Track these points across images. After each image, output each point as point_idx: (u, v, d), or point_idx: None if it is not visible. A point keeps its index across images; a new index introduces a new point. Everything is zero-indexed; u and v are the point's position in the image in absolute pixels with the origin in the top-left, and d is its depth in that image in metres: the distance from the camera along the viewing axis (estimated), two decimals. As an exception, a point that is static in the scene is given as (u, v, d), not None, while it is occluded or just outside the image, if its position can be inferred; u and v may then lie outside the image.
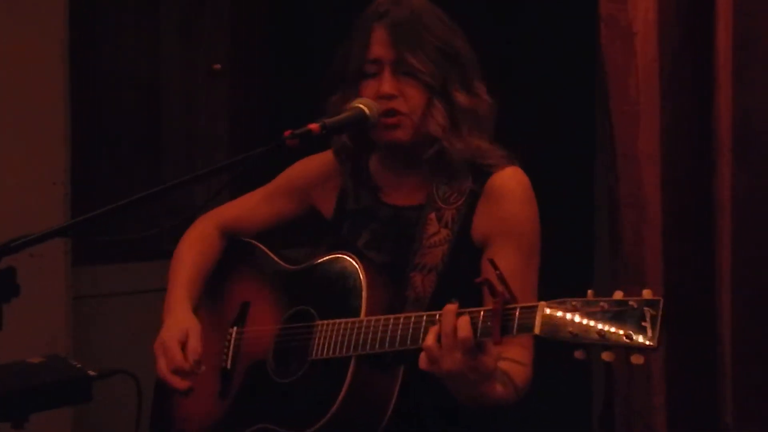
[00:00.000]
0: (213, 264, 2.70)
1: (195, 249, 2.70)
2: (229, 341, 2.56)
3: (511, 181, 2.42)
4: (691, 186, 3.01)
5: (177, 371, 2.45)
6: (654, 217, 2.99)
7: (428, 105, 2.39)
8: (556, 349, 1.96)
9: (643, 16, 2.95)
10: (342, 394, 2.26)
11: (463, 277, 2.35)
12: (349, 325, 2.30)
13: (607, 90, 3.00)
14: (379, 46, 2.41)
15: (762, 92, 2.92)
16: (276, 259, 2.64)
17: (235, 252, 2.71)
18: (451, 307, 2.10)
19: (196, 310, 2.65)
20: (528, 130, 3.83)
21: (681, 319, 2.99)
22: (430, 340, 2.10)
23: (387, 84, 2.38)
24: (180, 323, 2.52)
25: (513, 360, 2.30)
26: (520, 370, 2.31)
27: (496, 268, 2.06)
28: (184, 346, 2.47)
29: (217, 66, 4.17)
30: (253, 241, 2.69)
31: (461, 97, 2.41)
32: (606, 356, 1.90)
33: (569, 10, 4.07)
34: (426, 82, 2.38)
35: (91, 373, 2.27)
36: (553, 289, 2.09)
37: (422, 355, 2.12)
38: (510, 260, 2.35)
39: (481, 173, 2.43)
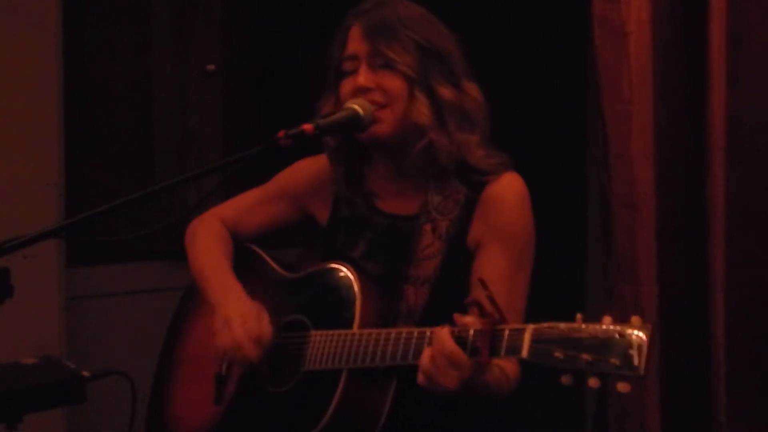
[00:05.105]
0: (233, 259, 2.67)
1: (216, 243, 2.66)
2: None
3: (507, 190, 2.41)
4: (685, 185, 3.01)
5: (257, 340, 2.40)
6: (647, 217, 2.99)
7: (410, 96, 2.37)
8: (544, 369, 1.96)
9: (636, 15, 2.95)
10: (333, 406, 2.26)
11: (455, 289, 2.35)
12: (342, 337, 2.29)
13: (601, 90, 3.00)
14: (355, 42, 2.40)
15: (755, 92, 2.92)
16: (274, 265, 2.63)
17: (235, 257, 2.69)
18: (445, 333, 2.08)
19: (193, 313, 2.65)
20: (520, 129, 3.85)
21: (674, 318, 2.99)
22: (425, 360, 2.09)
23: (362, 76, 2.37)
24: (249, 301, 2.48)
25: None
26: (512, 363, 2.30)
27: (485, 287, 2.04)
28: (259, 316, 2.43)
29: (211, 67, 4.17)
30: (253, 247, 2.69)
31: (445, 91, 2.38)
32: (592, 383, 1.90)
33: (562, 10, 4.08)
34: (404, 72, 2.36)
35: (85, 374, 2.27)
36: (545, 290, 2.09)
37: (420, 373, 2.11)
38: (498, 264, 2.35)
39: (478, 182, 2.42)
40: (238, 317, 2.42)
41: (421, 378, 2.11)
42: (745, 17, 2.91)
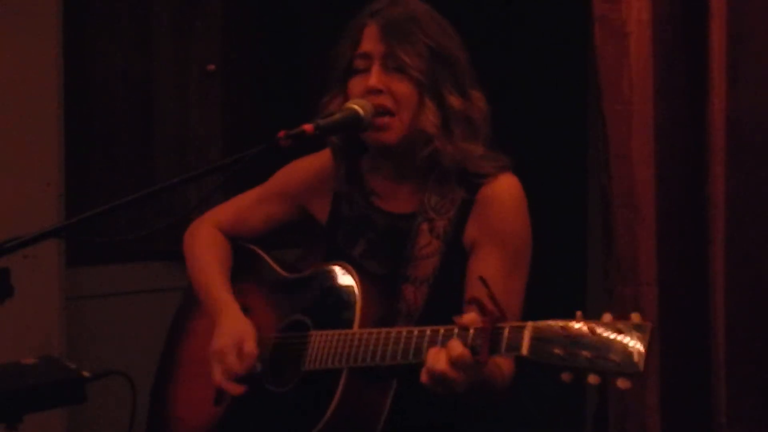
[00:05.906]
0: (230, 266, 2.68)
1: (214, 251, 2.67)
2: None
3: (503, 191, 2.41)
4: (685, 185, 3.01)
5: (233, 378, 2.43)
6: (647, 217, 2.99)
7: (420, 103, 2.37)
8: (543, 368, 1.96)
9: (636, 16, 2.95)
10: (333, 406, 2.25)
11: (454, 289, 2.35)
12: (342, 337, 2.29)
13: (601, 90, 3.00)
14: (370, 41, 2.39)
15: (755, 92, 2.92)
16: (275, 266, 2.63)
17: (236, 258, 2.70)
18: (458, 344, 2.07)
19: (195, 314, 2.65)
20: (520, 129, 3.85)
21: (674, 318, 2.99)
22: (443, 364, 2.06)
23: (374, 77, 2.36)
24: (234, 328, 2.48)
25: None
26: (507, 359, 2.26)
27: (486, 286, 2.04)
28: (239, 351, 2.44)
29: (212, 67, 4.17)
30: (253, 247, 2.69)
31: (454, 100, 2.38)
32: (592, 379, 1.89)
33: (562, 10, 4.08)
34: (416, 77, 2.35)
35: (85, 374, 2.27)
36: (545, 290, 2.08)
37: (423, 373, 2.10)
38: (493, 266, 2.35)
39: (474, 183, 2.41)
40: (216, 355, 2.45)
41: (425, 377, 2.10)
42: (745, 17, 2.91)
